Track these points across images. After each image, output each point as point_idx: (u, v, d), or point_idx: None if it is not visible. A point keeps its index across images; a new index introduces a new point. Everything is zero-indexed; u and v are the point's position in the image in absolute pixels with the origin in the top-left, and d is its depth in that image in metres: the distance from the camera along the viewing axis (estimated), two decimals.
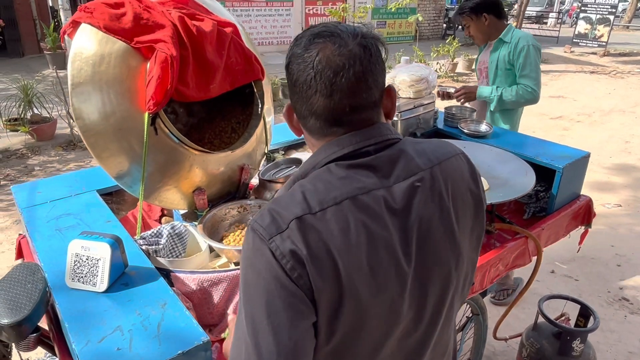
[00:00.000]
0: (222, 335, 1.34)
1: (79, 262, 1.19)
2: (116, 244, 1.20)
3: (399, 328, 0.82)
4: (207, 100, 1.55)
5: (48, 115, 5.74)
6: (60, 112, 5.75)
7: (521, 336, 2.29)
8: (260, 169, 1.80)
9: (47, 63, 9.32)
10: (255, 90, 1.67)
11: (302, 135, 0.91)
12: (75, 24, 1.36)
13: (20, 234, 1.84)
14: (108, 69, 1.33)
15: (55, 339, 1.37)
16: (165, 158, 1.46)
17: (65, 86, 5.41)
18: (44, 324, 1.36)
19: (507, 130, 2.36)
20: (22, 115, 5.50)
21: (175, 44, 1.35)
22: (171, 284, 1.34)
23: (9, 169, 5.03)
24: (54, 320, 1.39)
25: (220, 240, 1.52)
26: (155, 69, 1.32)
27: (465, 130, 2.22)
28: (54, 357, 1.46)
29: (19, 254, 1.81)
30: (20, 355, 1.42)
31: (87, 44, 1.33)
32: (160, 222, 1.78)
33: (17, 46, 10.42)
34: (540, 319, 2.19)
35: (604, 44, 13.27)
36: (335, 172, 0.79)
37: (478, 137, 2.20)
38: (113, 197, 1.80)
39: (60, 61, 9.02)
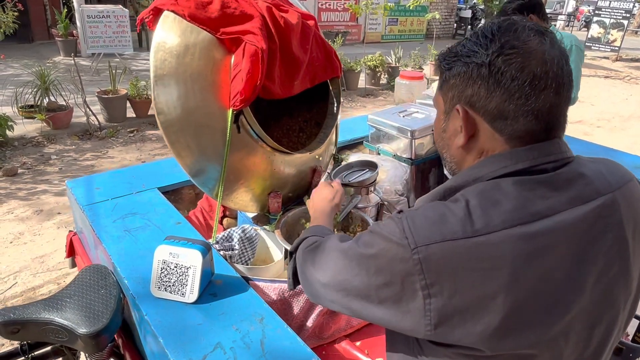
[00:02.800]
0: None
1: (166, 269, 1.10)
2: (206, 251, 1.12)
3: None
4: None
5: (64, 103, 5.62)
6: (76, 100, 5.63)
7: None
8: (327, 171, 1.72)
9: (58, 50, 9.17)
10: (331, 87, 1.57)
11: (458, 141, 0.79)
12: (157, 12, 1.27)
13: (70, 231, 1.76)
14: (192, 61, 1.24)
15: (125, 348, 1.28)
16: (243, 157, 1.37)
17: (82, 73, 5.29)
18: None
19: (568, 136, 2.28)
20: (39, 103, 5.37)
21: (264, 37, 1.25)
22: None
23: (25, 157, 4.92)
24: (123, 328, 1.31)
25: None
26: (244, 63, 1.22)
27: None
28: None
29: (70, 251, 1.73)
30: None
31: (170, 33, 1.24)
32: (221, 224, 1.69)
33: (27, 32, 10.24)
34: None
35: (616, 48, 13.18)
36: (507, 190, 0.70)
37: None
38: (170, 195, 1.71)
39: (71, 48, 8.88)
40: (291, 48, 1.34)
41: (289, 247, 1.35)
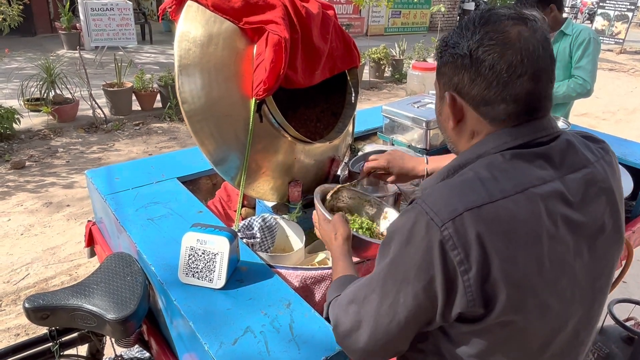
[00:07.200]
0: None
1: (194, 256, 1.12)
2: (233, 238, 1.13)
3: (570, 326, 0.80)
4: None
5: (70, 96, 5.62)
6: (82, 93, 5.64)
7: None
8: (344, 160, 1.73)
9: (61, 43, 9.15)
10: (349, 78, 1.58)
11: (450, 124, 0.84)
12: (180, 1, 1.28)
13: (89, 221, 1.78)
14: (216, 50, 1.25)
15: (150, 334, 1.31)
16: (265, 146, 1.38)
17: (88, 67, 5.27)
18: None
19: (585, 128, 2.28)
20: (45, 96, 5.38)
21: (287, 26, 1.26)
22: None
23: (32, 149, 4.93)
24: (148, 314, 1.32)
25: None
26: (268, 52, 1.23)
27: None
28: (144, 351, 1.40)
29: (89, 241, 1.75)
30: (114, 349, 1.36)
31: (194, 23, 1.25)
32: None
33: (30, 25, 10.21)
34: (606, 323, 2.14)
35: (621, 41, 13.12)
36: (511, 162, 0.76)
37: None
38: (188, 185, 1.72)
39: (75, 41, 8.86)
40: (312, 38, 1.35)
41: (325, 216, 1.28)
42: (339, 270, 1.06)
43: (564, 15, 2.81)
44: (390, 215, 1.43)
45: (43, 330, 1.26)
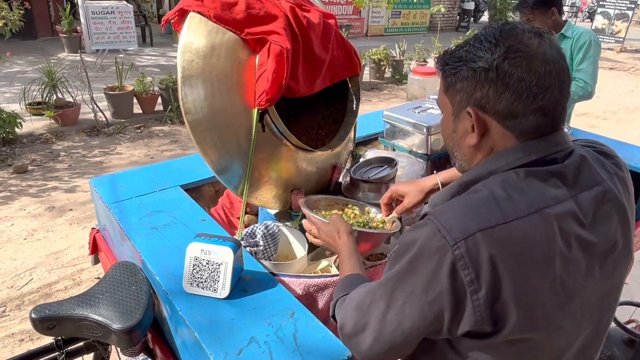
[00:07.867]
0: None
1: (198, 266, 1.13)
2: (237, 248, 1.14)
3: (578, 343, 0.80)
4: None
5: (71, 100, 5.64)
6: (83, 96, 5.65)
7: None
8: (346, 167, 1.74)
9: (62, 46, 9.17)
10: (350, 85, 1.59)
11: (470, 141, 0.82)
12: (182, 13, 1.29)
13: (93, 228, 1.79)
14: (218, 61, 1.26)
15: (155, 343, 1.32)
16: (267, 155, 1.39)
17: (87, 70, 5.28)
18: None
19: (585, 132, 2.30)
20: (47, 99, 5.39)
21: (289, 36, 1.27)
22: None
23: (34, 154, 4.95)
24: (152, 323, 1.34)
25: None
26: (270, 63, 1.24)
27: None
28: (149, 359, 1.41)
29: (93, 248, 1.76)
30: (120, 358, 1.37)
31: (196, 34, 1.26)
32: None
33: (30, 28, 10.22)
34: None
35: (621, 39, 13.12)
36: (525, 180, 0.76)
37: None
38: (191, 192, 1.74)
39: (76, 44, 8.89)
40: (313, 47, 1.36)
41: (322, 220, 1.29)
42: (346, 269, 1.07)
43: (564, 17, 2.82)
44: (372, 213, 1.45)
45: (48, 337, 1.27)
